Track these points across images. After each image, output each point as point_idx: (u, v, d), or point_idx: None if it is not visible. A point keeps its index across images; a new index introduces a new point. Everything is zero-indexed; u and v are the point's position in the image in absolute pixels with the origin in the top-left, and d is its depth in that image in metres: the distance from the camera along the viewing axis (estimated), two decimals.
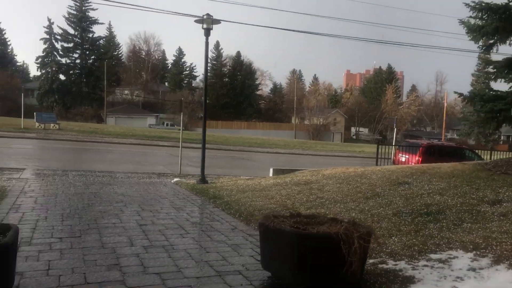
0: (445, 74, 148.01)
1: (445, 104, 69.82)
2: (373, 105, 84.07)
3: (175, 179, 12.59)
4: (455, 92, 10.71)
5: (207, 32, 11.43)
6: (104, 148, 23.70)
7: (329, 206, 7.94)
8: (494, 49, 10.57)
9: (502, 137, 78.84)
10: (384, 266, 4.92)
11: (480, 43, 10.90)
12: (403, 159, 18.01)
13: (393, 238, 5.85)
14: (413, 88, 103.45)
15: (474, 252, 5.07)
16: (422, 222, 6.36)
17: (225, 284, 4.42)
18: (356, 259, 4.20)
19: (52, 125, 30.83)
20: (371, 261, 5.01)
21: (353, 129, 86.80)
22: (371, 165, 17.56)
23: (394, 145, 18.45)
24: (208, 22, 11.33)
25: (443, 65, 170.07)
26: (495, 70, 10.22)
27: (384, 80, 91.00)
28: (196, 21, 11.42)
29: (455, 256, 5.03)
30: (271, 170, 14.19)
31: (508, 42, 9.97)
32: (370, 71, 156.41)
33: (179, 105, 14.94)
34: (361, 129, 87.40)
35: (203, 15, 11.31)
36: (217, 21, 11.53)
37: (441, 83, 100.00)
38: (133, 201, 8.74)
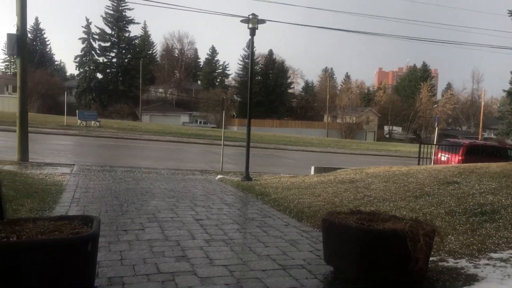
0: (482, 72, 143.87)
1: (483, 103, 68.15)
2: (407, 103, 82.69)
3: (219, 176, 12.85)
4: (504, 90, 10.52)
5: (253, 32, 11.63)
6: (144, 145, 24.31)
7: (378, 204, 7.98)
8: None
9: None
10: (445, 264, 4.98)
11: None
12: (444, 159, 17.78)
13: (449, 237, 5.88)
14: (448, 86, 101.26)
15: None
16: (477, 222, 6.35)
17: (290, 277, 4.58)
18: (422, 256, 4.29)
19: (93, 122, 31.78)
20: (431, 259, 5.07)
21: (386, 128, 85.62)
22: (410, 164, 17.43)
23: (435, 144, 18.20)
24: (253, 22, 11.52)
25: (480, 63, 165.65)
26: None
27: (418, 78, 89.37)
28: (241, 21, 11.64)
29: None
30: (312, 168, 14.28)
31: None
32: (403, 68, 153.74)
33: (221, 103, 15.12)
34: (395, 128, 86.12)
35: (249, 15, 11.51)
36: (262, 21, 11.71)
37: (478, 81, 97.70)
38: (184, 197, 9.01)
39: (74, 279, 3.65)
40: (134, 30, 79.71)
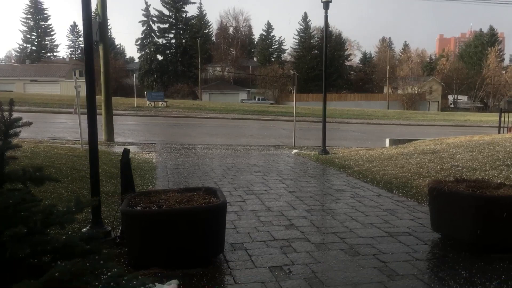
0: None
1: None
2: (473, 70, 78.73)
3: (294, 151, 13.08)
4: None
5: (326, 5, 11.60)
6: (212, 123, 25.01)
7: (468, 174, 7.90)
8: None
9: None
10: None
11: None
12: None
13: None
14: None
15: None
16: None
17: (401, 243, 4.75)
18: None
19: (160, 103, 32.95)
20: None
21: (450, 97, 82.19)
22: (486, 133, 16.85)
23: None
24: None
25: None
26: None
27: (485, 43, 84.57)
28: None
29: None
30: (387, 140, 14.20)
31: None
32: (466, 34, 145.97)
33: (293, 79, 15.16)
34: (460, 97, 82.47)
35: None
36: None
37: None
38: (269, 171, 9.33)
39: (214, 240, 4.03)
40: (191, 10, 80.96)
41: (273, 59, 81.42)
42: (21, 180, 1.73)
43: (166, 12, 68.49)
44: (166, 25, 68.90)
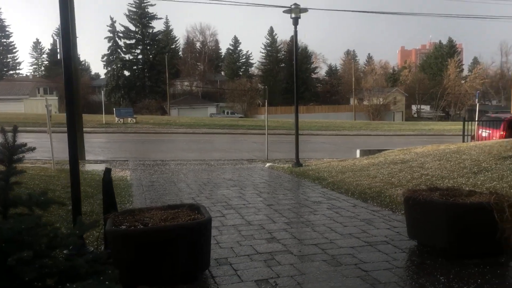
0: (510, 44, 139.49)
1: None
2: (434, 81, 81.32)
3: (268, 164, 13.22)
4: None
5: (295, 21, 11.87)
6: (184, 138, 24.94)
7: (437, 182, 8.19)
8: None
9: None
10: None
11: None
12: (485, 135, 17.71)
13: None
14: (475, 61, 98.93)
15: None
16: None
17: (380, 252, 4.91)
18: (508, 226, 4.56)
19: (129, 119, 32.61)
20: None
21: (414, 107, 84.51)
22: (449, 142, 17.43)
23: (478, 121, 18.14)
24: (296, 12, 11.75)
25: (507, 34, 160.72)
26: None
27: (445, 54, 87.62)
28: (284, 11, 11.89)
29: None
30: (357, 151, 14.52)
31: None
32: (426, 46, 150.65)
33: (264, 93, 15.34)
34: (422, 106, 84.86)
35: (291, 5, 11.75)
36: (305, 10, 11.94)
37: (506, 53, 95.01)
38: (245, 185, 9.41)
39: (200, 256, 4.08)
40: (157, 26, 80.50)
41: (241, 73, 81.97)
42: (27, 204, 1.76)
43: (133, 27, 68.10)
44: (133, 41, 68.42)
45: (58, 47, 13.38)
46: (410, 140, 25.48)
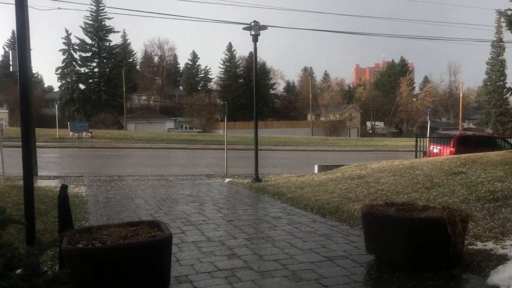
0: (458, 64, 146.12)
1: (461, 94, 69.51)
2: (387, 98, 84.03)
3: (227, 180, 13.18)
4: (506, 88, 11.22)
5: (255, 38, 12.02)
6: (141, 153, 24.51)
7: (393, 197, 8.42)
8: None
9: None
10: (474, 247, 5.44)
11: None
12: (436, 151, 18.41)
13: (470, 223, 6.34)
14: (426, 79, 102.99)
15: None
16: (493, 208, 6.85)
17: (339, 267, 4.98)
18: (460, 240, 4.75)
19: (84, 133, 31.75)
20: None
21: (368, 124, 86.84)
22: (403, 157, 18.01)
23: (429, 137, 18.86)
24: (255, 29, 11.91)
25: (456, 55, 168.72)
26: None
27: (397, 73, 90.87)
28: (244, 28, 12.02)
29: None
30: (316, 166, 14.73)
31: None
32: (380, 64, 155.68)
33: (223, 108, 15.36)
34: (377, 123, 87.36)
35: (251, 23, 11.90)
36: (264, 27, 12.12)
37: (455, 73, 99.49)
38: (205, 201, 9.35)
39: (160, 274, 4.01)
40: (115, 39, 78.98)
41: (199, 88, 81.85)
42: None
43: (89, 40, 66.75)
44: (89, 54, 67.00)
45: (10, 59, 12.91)
46: (365, 156, 26.12)
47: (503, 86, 63.93)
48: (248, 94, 76.07)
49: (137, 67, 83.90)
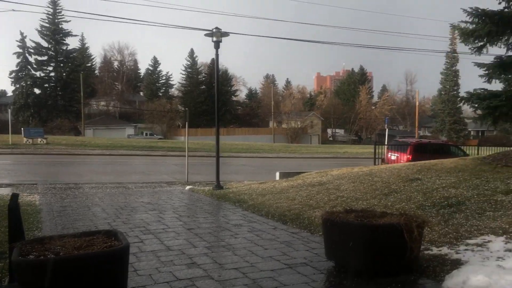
0: (414, 73, 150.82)
1: (417, 103, 71.76)
2: (347, 106, 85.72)
3: (188, 187, 13.03)
4: (460, 98, 11.70)
5: (217, 45, 11.98)
6: (100, 160, 23.91)
7: (352, 204, 8.55)
8: (484, 50, 11.54)
9: (472, 133, 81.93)
10: (430, 252, 5.57)
11: (469, 45, 11.82)
12: (394, 158, 18.89)
13: (426, 228, 6.50)
14: (384, 88, 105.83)
15: (505, 236, 5.76)
16: (447, 213, 7.06)
17: (299, 274, 4.98)
18: (416, 245, 4.84)
19: (39, 139, 30.64)
20: None
21: (329, 131, 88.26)
22: (362, 165, 18.39)
23: (387, 145, 19.32)
24: (217, 35, 11.88)
25: (412, 65, 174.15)
26: (487, 71, 11.11)
27: (357, 81, 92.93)
28: (206, 34, 11.96)
29: (488, 240, 5.71)
30: (277, 173, 14.78)
31: (499, 44, 10.92)
32: (340, 73, 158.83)
33: (184, 115, 15.18)
34: (337, 130, 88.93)
35: (213, 29, 11.86)
36: (226, 34, 12.10)
37: (411, 82, 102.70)
38: (165, 209, 9.19)
39: (115, 286, 3.88)
40: (72, 43, 76.99)
41: (160, 94, 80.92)
42: None
43: (45, 44, 64.69)
44: (45, 58, 64.89)
45: None
46: (326, 163, 26.47)
47: (457, 96, 66.65)
48: (210, 100, 75.84)
49: (96, 71, 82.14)
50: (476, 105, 10.95)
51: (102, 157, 26.09)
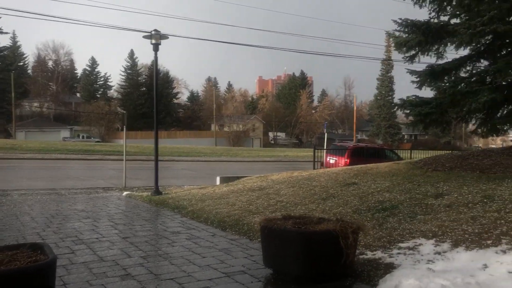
0: (353, 79, 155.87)
1: (355, 107, 74.26)
2: (288, 110, 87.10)
3: (125, 193, 12.64)
4: (394, 104, 12.08)
5: (156, 47, 11.72)
6: (31, 165, 22.70)
7: (291, 209, 8.64)
8: (416, 59, 12.09)
9: (405, 136, 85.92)
10: (365, 256, 5.71)
11: (402, 54, 12.35)
12: (332, 162, 19.36)
13: (361, 232, 6.67)
14: (324, 93, 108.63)
15: (434, 239, 6.01)
16: (381, 217, 7.27)
17: (237, 283, 4.93)
18: (352, 250, 4.94)
19: None
20: None
21: (271, 134, 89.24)
22: (302, 168, 18.70)
23: (326, 149, 19.76)
24: (156, 38, 11.62)
25: (351, 70, 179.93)
26: (419, 79, 11.63)
27: (298, 85, 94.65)
28: (144, 36, 11.68)
29: (419, 243, 5.94)
30: (218, 178, 14.67)
31: (430, 53, 11.48)
32: (281, 76, 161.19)
33: (122, 118, 14.76)
34: (279, 133, 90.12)
35: (151, 31, 11.59)
36: (165, 37, 11.87)
37: (350, 87, 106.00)
38: (99, 216, 8.84)
39: None
40: (3, 41, 72.95)
41: (98, 96, 78.34)
42: None
43: None
44: None
45: None
46: (267, 166, 26.69)
47: (391, 101, 69.68)
48: (150, 103, 74.35)
49: (29, 71, 78.21)
50: (409, 112, 11.43)
51: (34, 161, 24.81)
